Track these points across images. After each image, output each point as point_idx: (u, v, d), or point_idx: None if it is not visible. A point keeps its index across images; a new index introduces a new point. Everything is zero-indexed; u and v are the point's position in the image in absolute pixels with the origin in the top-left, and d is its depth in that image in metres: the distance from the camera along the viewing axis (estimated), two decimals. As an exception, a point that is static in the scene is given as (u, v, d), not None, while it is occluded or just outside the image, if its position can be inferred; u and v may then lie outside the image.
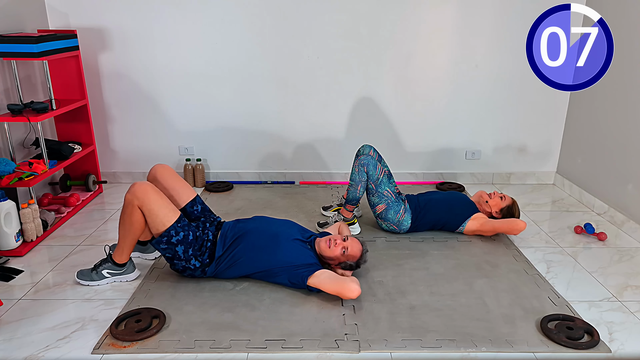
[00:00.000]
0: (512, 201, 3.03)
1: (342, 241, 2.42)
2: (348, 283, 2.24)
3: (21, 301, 2.31)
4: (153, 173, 2.56)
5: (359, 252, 2.44)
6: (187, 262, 2.36)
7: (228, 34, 3.58)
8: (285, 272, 2.36)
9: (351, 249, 2.41)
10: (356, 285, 2.24)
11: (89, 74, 3.61)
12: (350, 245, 2.42)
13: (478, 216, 3.00)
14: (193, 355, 1.97)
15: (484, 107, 3.82)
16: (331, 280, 2.28)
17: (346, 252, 2.40)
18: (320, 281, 2.28)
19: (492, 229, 2.93)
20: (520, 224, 2.87)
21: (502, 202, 3.02)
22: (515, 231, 2.88)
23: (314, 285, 2.29)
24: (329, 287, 2.26)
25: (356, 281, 2.28)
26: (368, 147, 3.08)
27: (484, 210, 3.05)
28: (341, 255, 2.40)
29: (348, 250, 2.40)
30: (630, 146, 3.12)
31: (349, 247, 2.41)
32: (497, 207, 3.01)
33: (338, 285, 2.25)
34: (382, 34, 3.61)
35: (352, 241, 2.45)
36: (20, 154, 3.19)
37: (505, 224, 2.90)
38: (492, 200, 3.04)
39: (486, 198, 3.06)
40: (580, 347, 2.01)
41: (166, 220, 2.29)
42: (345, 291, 2.23)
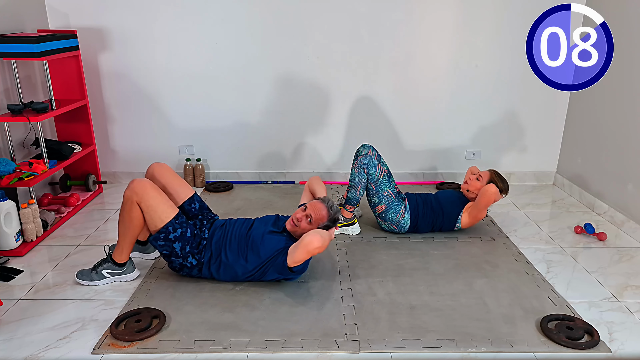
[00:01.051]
0: (489, 175, 2.96)
1: (303, 213, 2.37)
2: (305, 240, 2.18)
3: (21, 301, 2.31)
4: (151, 171, 2.57)
5: (324, 211, 2.39)
6: (184, 259, 2.36)
7: (228, 34, 3.58)
8: (270, 267, 2.34)
9: (314, 214, 2.37)
10: (312, 235, 2.17)
11: (89, 74, 3.61)
12: (312, 212, 2.37)
13: (467, 207, 2.98)
14: (193, 355, 1.97)
15: (484, 107, 3.82)
16: (295, 248, 2.23)
17: (312, 219, 2.36)
18: (292, 257, 2.24)
19: (477, 211, 2.89)
20: (489, 189, 2.78)
21: (481, 181, 2.95)
22: (491, 196, 2.78)
23: (293, 263, 2.25)
24: (298, 254, 2.20)
25: (313, 232, 2.21)
26: (367, 147, 3.07)
27: (469, 197, 3.02)
28: (309, 225, 2.36)
29: (313, 218, 2.36)
30: (630, 146, 3.12)
31: (312, 214, 2.36)
32: (478, 190, 2.94)
33: (301, 248, 2.19)
34: (382, 34, 3.61)
35: (311, 207, 2.39)
36: (20, 154, 3.19)
37: (480, 198, 2.82)
38: (471, 184, 2.98)
39: (466, 187, 3.02)
40: (580, 347, 2.01)
41: (164, 216, 2.30)
42: (307, 248, 2.17)
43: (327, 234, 2.27)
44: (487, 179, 2.96)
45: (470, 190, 2.99)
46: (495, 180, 2.95)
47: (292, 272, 2.33)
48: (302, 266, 2.31)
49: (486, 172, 3.00)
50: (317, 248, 2.17)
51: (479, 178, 2.97)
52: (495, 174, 2.99)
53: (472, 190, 2.98)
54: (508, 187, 3.00)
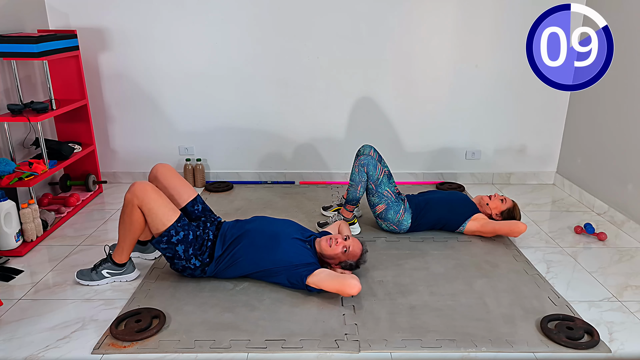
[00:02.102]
0: (512, 204, 3.03)
1: (343, 240, 2.42)
2: (348, 279, 2.24)
3: (21, 301, 2.31)
4: (154, 172, 2.57)
5: (360, 251, 2.45)
6: (188, 261, 2.36)
7: (228, 33, 3.58)
8: (285, 272, 2.36)
9: (352, 248, 2.42)
10: (356, 281, 2.23)
11: (89, 74, 3.61)
12: (351, 245, 2.43)
13: (478, 217, 3.00)
14: (193, 355, 1.97)
15: (484, 107, 3.82)
16: (331, 277, 2.28)
17: (347, 250, 2.40)
18: (319, 280, 2.28)
19: (492, 230, 2.93)
20: (520, 227, 2.87)
21: (503, 204, 3.01)
22: (516, 233, 2.88)
23: (313, 284, 2.29)
24: (329, 284, 2.26)
25: (356, 277, 2.27)
26: (368, 147, 3.08)
27: (484, 211, 3.05)
28: (342, 254, 2.40)
29: (349, 249, 2.41)
30: (630, 146, 3.12)
31: (350, 246, 2.41)
32: (497, 210, 3.01)
33: (338, 282, 2.24)
34: (382, 34, 3.61)
35: (353, 240, 2.46)
36: (20, 154, 3.19)
37: (506, 226, 2.90)
38: (493, 202, 3.04)
39: (487, 200, 3.06)
40: (580, 347, 2.01)
41: (166, 219, 2.29)
42: (345, 287, 2.22)
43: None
44: (509, 206, 3.01)
45: (490, 205, 3.03)
46: (518, 214, 3.00)
47: (307, 289, 2.34)
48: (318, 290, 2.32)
49: (510, 200, 3.05)
50: (351, 295, 2.23)
51: (503, 200, 3.03)
52: (518, 207, 3.04)
53: (491, 207, 3.03)
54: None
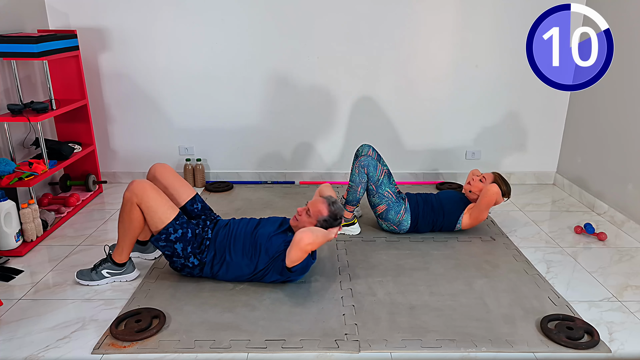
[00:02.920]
0: (493, 177, 2.97)
1: (301, 209, 2.42)
2: (297, 237, 2.19)
3: (21, 301, 2.31)
4: (153, 172, 2.57)
5: (323, 206, 2.41)
6: (186, 259, 2.36)
7: (228, 34, 3.58)
8: (271, 268, 2.35)
9: (312, 208, 2.40)
10: (303, 232, 2.19)
11: (89, 74, 3.61)
12: (310, 205, 2.41)
13: (469, 208, 2.98)
14: (193, 355, 1.97)
15: (484, 107, 3.82)
16: (290, 247, 2.25)
17: (309, 212, 2.39)
18: (288, 257, 2.25)
19: (478, 212, 2.90)
20: (491, 189, 2.80)
21: (484, 182, 2.95)
22: (493, 195, 2.80)
23: (291, 263, 2.26)
24: (292, 254, 2.22)
25: (306, 229, 2.23)
26: (367, 147, 3.07)
27: (472, 199, 3.02)
28: (308, 218, 2.39)
29: (310, 211, 2.39)
30: (630, 146, 3.12)
31: (309, 208, 2.40)
32: (480, 191, 2.94)
33: (293, 246, 2.21)
34: (382, 34, 3.61)
35: (311, 202, 2.44)
36: (20, 154, 3.19)
37: (482, 198, 2.84)
38: (474, 185, 2.98)
39: (469, 188, 3.01)
40: (580, 347, 2.01)
41: (165, 217, 2.30)
42: (299, 245, 2.18)
43: (322, 231, 2.28)
44: (490, 180, 2.96)
45: (473, 192, 2.98)
46: (498, 182, 2.95)
47: (291, 273, 2.33)
48: (301, 267, 2.31)
49: (489, 174, 3.00)
50: (308, 244, 2.19)
51: (482, 179, 2.97)
52: (499, 176, 3.00)
53: (474, 192, 2.98)
54: (510, 190, 3.00)
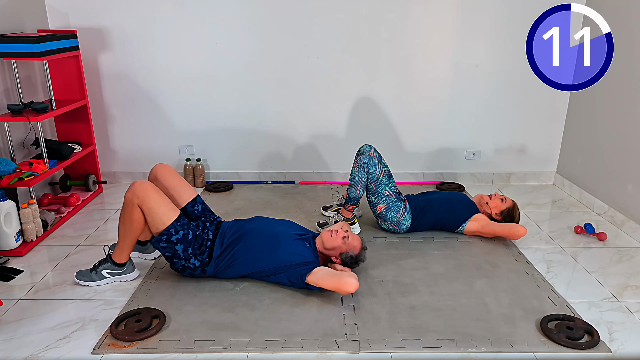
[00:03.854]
0: (512, 204, 3.02)
1: (343, 231, 2.47)
2: (345, 277, 2.24)
3: (21, 301, 2.31)
4: (154, 172, 2.57)
5: (359, 245, 2.48)
6: (187, 261, 2.36)
7: (228, 34, 3.58)
8: (284, 271, 2.36)
9: (352, 238, 2.47)
10: (354, 279, 2.23)
11: (89, 74, 3.61)
12: (351, 235, 2.47)
13: (478, 217, 2.99)
14: (193, 355, 1.97)
15: (484, 107, 3.82)
16: (329, 275, 2.28)
17: (347, 240, 2.43)
18: (318, 278, 2.28)
19: (492, 232, 2.93)
20: (520, 230, 2.86)
21: (503, 204, 3.01)
22: (515, 237, 2.88)
23: (313, 282, 2.29)
24: (327, 282, 2.26)
25: (354, 275, 2.27)
26: (368, 147, 3.08)
27: (484, 211, 3.05)
28: (342, 243, 2.42)
29: (349, 239, 2.44)
30: (630, 146, 3.12)
31: (349, 236, 2.46)
32: (497, 209, 3.01)
33: (336, 280, 2.24)
34: (382, 34, 3.61)
35: (352, 234, 2.51)
36: (20, 154, 3.19)
37: (505, 229, 2.90)
38: (493, 201, 3.03)
39: (487, 200, 3.05)
40: (580, 347, 2.01)
41: (166, 218, 2.29)
42: (343, 285, 2.21)
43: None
44: (509, 205, 3.01)
45: (490, 204, 3.03)
46: (517, 214, 3.00)
47: (306, 288, 2.35)
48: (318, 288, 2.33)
49: (510, 200, 3.05)
50: (349, 292, 2.24)
51: (503, 200, 3.03)
52: (517, 207, 3.04)
53: (491, 206, 3.03)
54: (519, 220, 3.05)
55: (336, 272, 2.30)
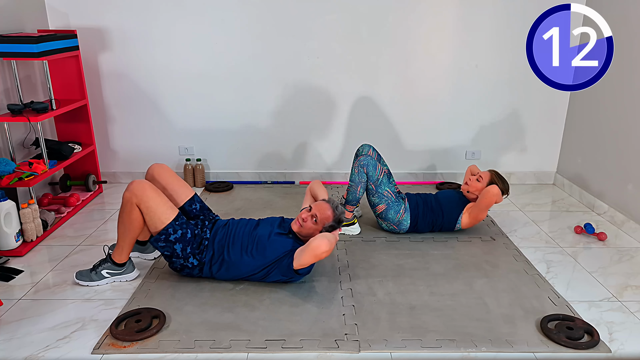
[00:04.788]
0: (490, 175, 2.96)
1: (308, 213, 2.39)
2: (313, 243, 2.17)
3: (21, 301, 2.31)
4: (151, 172, 2.57)
5: (329, 211, 2.40)
6: (185, 260, 2.36)
7: (228, 34, 3.58)
8: (276, 268, 2.35)
9: (320, 214, 2.38)
10: (319, 240, 2.16)
11: (89, 74, 3.61)
12: (317, 212, 2.38)
13: (468, 207, 2.97)
14: (193, 355, 1.97)
15: (484, 107, 3.82)
16: (302, 252, 2.23)
17: (317, 219, 2.37)
18: (298, 259, 2.24)
19: (477, 212, 2.89)
20: (491, 190, 2.77)
21: (481, 182, 2.95)
22: (493, 197, 2.78)
23: (300, 266, 2.25)
24: (304, 258, 2.20)
25: (321, 235, 2.21)
26: (367, 147, 3.07)
27: (471, 198, 3.01)
28: (315, 225, 2.37)
29: (318, 217, 2.37)
30: (630, 146, 3.12)
31: (317, 214, 2.37)
32: (479, 191, 2.94)
33: (308, 252, 2.18)
34: (382, 34, 3.61)
35: (316, 207, 2.41)
36: (20, 154, 3.19)
37: (482, 199, 2.82)
38: (471, 185, 2.97)
39: (466, 188, 3.01)
40: (580, 347, 2.01)
41: (164, 217, 2.30)
42: (314, 251, 2.16)
43: (333, 236, 2.27)
44: (488, 179, 2.95)
45: (471, 192, 2.98)
46: (496, 181, 2.94)
47: (297, 275, 2.34)
48: (307, 269, 2.32)
49: (486, 173, 2.99)
50: (324, 252, 2.17)
51: (479, 179, 2.97)
52: (496, 174, 2.99)
53: (472, 191, 2.97)
54: (509, 187, 3.00)
55: (306, 245, 2.23)
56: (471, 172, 3.09)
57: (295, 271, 2.30)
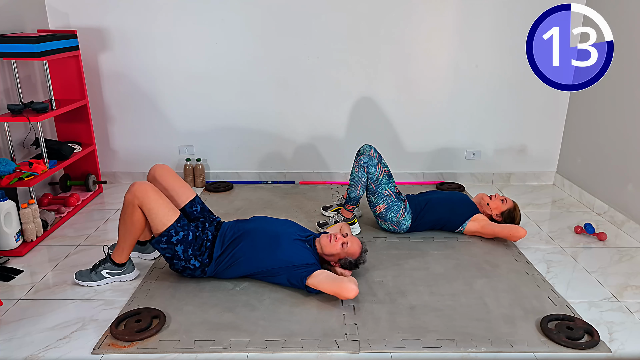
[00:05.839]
0: (513, 204, 3.02)
1: (342, 237, 2.45)
2: (346, 283, 2.24)
3: (21, 301, 2.31)
4: (152, 173, 2.57)
5: (359, 249, 2.46)
6: (187, 262, 2.36)
7: (228, 33, 3.58)
8: (285, 272, 2.36)
9: (351, 244, 2.44)
10: (354, 285, 2.23)
11: (89, 74, 3.61)
12: (350, 241, 2.44)
13: (478, 217, 2.99)
14: (193, 355, 1.97)
15: (484, 107, 3.82)
16: (329, 280, 2.28)
17: (346, 247, 2.41)
18: (318, 281, 2.28)
19: (492, 232, 2.93)
20: (520, 232, 2.86)
21: (503, 205, 3.01)
22: (515, 238, 2.87)
23: (313, 285, 2.29)
24: (327, 287, 2.26)
25: (354, 281, 2.27)
26: (368, 147, 3.08)
27: (484, 212, 3.05)
28: (341, 250, 2.41)
29: (348, 245, 2.42)
30: (630, 146, 3.12)
31: (349, 242, 2.43)
32: (497, 210, 3.01)
33: (336, 285, 2.24)
34: (383, 34, 3.61)
35: (352, 238, 2.48)
36: (20, 154, 3.19)
37: (506, 230, 2.89)
38: (493, 202, 3.03)
39: (487, 200, 3.05)
40: (580, 347, 2.01)
41: (166, 219, 2.29)
42: (342, 291, 2.22)
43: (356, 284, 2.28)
44: (510, 207, 3.00)
45: (489, 205, 3.02)
46: (518, 215, 3.00)
47: (306, 290, 2.34)
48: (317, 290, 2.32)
49: (511, 201, 3.04)
50: (348, 298, 2.23)
51: (503, 200, 3.02)
52: (518, 208, 3.03)
53: (492, 207, 3.02)
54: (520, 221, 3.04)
55: (337, 277, 2.30)
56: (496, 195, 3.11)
57: (306, 285, 2.31)
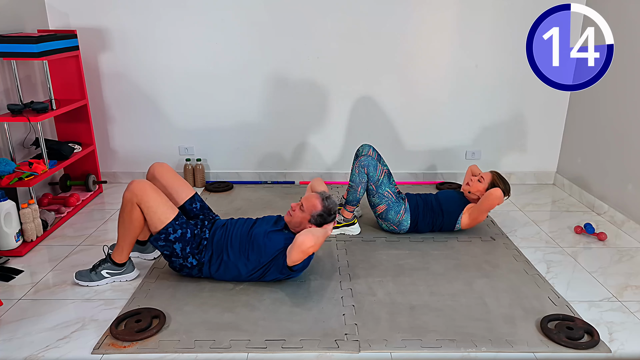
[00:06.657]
0: (491, 177, 2.95)
1: (296, 204, 2.42)
2: (297, 240, 2.18)
3: (21, 301, 2.31)
4: (152, 171, 2.57)
5: (317, 200, 2.40)
6: (185, 259, 2.37)
7: (228, 33, 3.58)
8: (272, 267, 2.35)
9: (306, 203, 2.40)
10: (304, 235, 2.17)
11: (89, 74, 3.61)
12: (304, 200, 2.41)
13: (468, 207, 2.97)
14: (193, 355, 1.97)
15: (484, 107, 3.82)
16: (291, 248, 2.24)
17: (303, 207, 2.38)
18: (289, 257, 2.25)
19: (479, 213, 2.89)
20: (494, 193, 2.78)
21: (483, 183, 2.94)
22: (495, 200, 2.79)
23: (292, 263, 2.26)
24: (294, 255, 2.21)
25: (307, 231, 2.22)
26: (367, 147, 3.08)
27: (471, 199, 3.02)
28: (301, 214, 2.38)
29: (304, 206, 2.38)
30: (630, 146, 3.12)
31: (303, 203, 2.40)
32: (480, 192, 2.95)
33: (295, 248, 2.19)
34: (383, 34, 3.61)
35: (305, 197, 2.44)
36: (20, 154, 3.19)
37: (484, 201, 2.83)
38: (472, 186, 2.97)
39: (467, 188, 3.01)
40: (580, 347, 2.01)
41: (164, 217, 2.30)
42: (300, 248, 2.17)
43: (321, 231, 2.28)
44: (489, 180, 2.95)
45: (472, 192, 2.98)
46: (497, 182, 2.94)
47: (293, 271, 2.34)
48: (302, 264, 2.32)
49: (487, 174, 2.99)
50: (310, 247, 2.18)
51: (480, 180, 2.96)
52: (497, 175, 2.98)
53: (473, 192, 2.97)
54: (510, 188, 2.99)
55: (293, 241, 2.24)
56: (472, 172, 3.09)
57: (290, 268, 2.30)
